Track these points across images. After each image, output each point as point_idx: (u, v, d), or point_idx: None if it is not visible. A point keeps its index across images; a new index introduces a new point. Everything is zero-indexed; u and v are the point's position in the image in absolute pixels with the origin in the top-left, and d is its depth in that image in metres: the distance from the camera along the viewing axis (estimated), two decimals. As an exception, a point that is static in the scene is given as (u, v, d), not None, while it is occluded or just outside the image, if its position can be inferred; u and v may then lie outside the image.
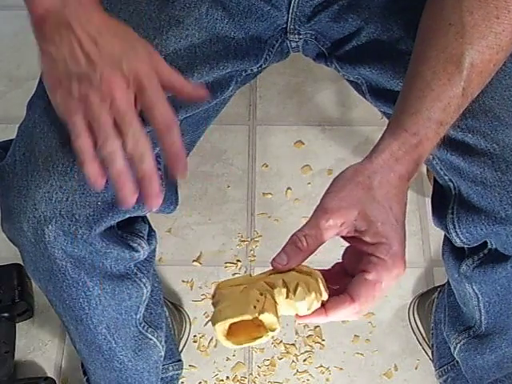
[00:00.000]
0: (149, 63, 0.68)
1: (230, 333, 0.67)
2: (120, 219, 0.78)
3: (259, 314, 0.65)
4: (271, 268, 0.70)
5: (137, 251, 0.84)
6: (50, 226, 0.73)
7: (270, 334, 0.67)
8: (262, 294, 0.67)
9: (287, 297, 0.66)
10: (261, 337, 0.67)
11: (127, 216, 0.79)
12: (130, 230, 0.83)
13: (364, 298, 0.68)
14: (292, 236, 0.70)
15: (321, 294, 0.67)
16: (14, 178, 0.74)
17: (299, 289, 0.66)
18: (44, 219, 0.73)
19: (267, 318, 0.65)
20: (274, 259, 0.70)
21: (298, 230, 0.70)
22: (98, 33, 0.67)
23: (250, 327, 0.66)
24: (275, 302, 0.67)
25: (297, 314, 0.69)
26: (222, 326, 0.66)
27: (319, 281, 0.67)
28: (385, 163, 0.70)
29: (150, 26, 0.81)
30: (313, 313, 0.68)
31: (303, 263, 0.70)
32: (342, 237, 0.71)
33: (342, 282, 0.71)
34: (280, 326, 0.67)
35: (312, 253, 0.70)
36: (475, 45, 0.69)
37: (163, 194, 0.75)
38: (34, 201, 0.73)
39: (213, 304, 0.70)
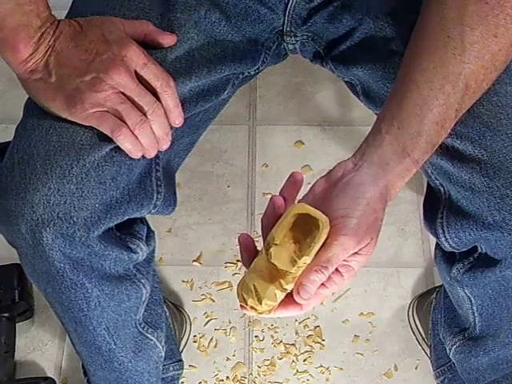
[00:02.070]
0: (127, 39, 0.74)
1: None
2: (118, 221, 0.78)
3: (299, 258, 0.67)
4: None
5: (135, 253, 0.84)
6: (47, 229, 0.74)
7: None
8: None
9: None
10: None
11: (125, 218, 0.79)
12: (129, 231, 0.84)
13: (311, 307, 0.70)
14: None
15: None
16: (12, 181, 0.74)
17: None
18: (42, 222, 0.73)
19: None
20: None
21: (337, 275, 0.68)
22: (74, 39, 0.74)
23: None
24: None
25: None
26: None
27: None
28: (389, 187, 0.70)
29: None
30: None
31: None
32: None
33: None
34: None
35: None
36: (472, 64, 0.69)
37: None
38: (32, 203, 0.73)
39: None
